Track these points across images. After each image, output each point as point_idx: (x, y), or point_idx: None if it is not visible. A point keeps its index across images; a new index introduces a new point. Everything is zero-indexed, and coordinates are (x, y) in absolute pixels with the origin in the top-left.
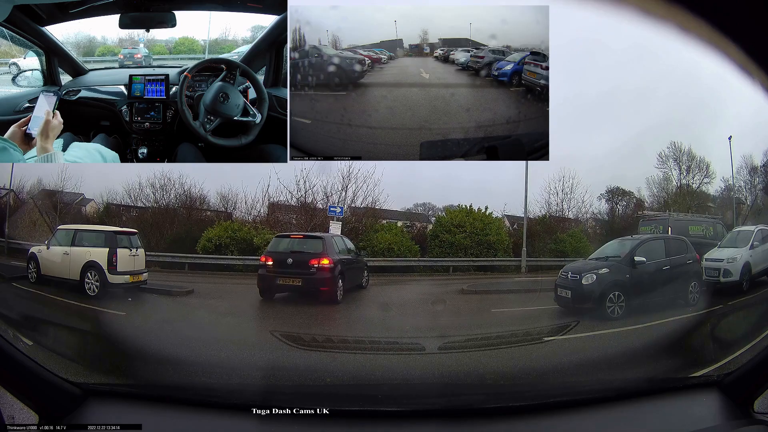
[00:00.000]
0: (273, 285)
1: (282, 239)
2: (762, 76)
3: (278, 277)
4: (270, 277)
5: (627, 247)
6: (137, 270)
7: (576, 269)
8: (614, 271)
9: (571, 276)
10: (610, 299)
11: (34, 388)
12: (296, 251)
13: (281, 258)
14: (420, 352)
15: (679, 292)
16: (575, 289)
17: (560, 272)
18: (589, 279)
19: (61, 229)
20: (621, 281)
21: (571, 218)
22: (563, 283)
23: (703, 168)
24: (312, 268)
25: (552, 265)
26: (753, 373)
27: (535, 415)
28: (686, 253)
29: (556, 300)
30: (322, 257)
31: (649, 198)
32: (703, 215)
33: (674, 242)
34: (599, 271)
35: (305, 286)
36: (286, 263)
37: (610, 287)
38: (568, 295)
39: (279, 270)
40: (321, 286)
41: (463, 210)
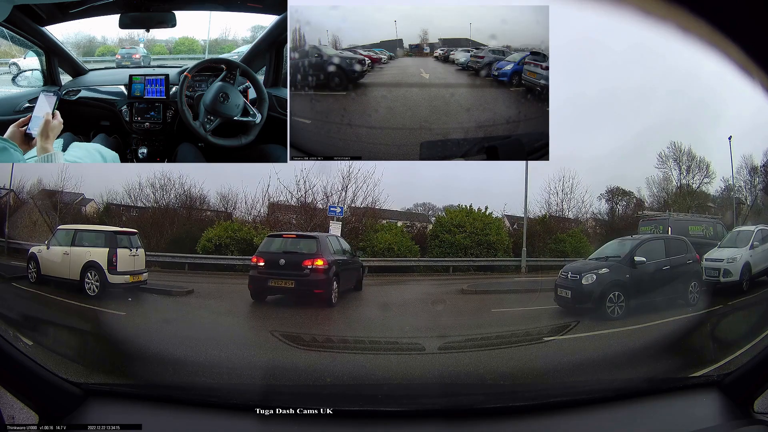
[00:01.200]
0: (264, 287)
1: (274, 239)
2: (762, 76)
3: (270, 278)
4: (261, 278)
5: (627, 247)
6: (137, 270)
7: (576, 269)
8: (614, 271)
9: (571, 276)
10: (610, 299)
11: (34, 388)
12: (289, 252)
13: (273, 259)
14: (420, 352)
15: (679, 292)
16: (575, 289)
17: (560, 272)
18: (589, 279)
19: (61, 229)
20: (621, 281)
21: (571, 218)
22: (563, 283)
23: (703, 168)
24: (305, 270)
25: (552, 265)
26: (753, 373)
27: (535, 415)
28: (686, 253)
29: (556, 300)
30: (317, 258)
31: (649, 198)
32: (703, 215)
33: (674, 242)
34: (599, 271)
35: (298, 288)
36: (279, 264)
37: (610, 287)
38: (568, 295)
39: (271, 271)
40: (315, 288)
41: (463, 210)
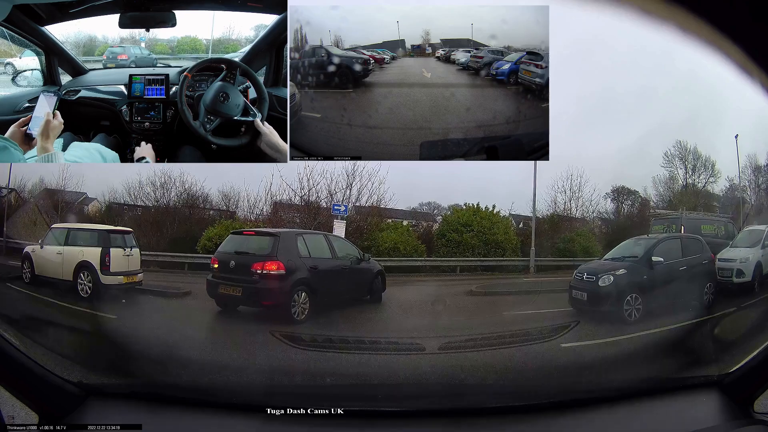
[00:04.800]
0: (216, 294)
1: (235, 236)
2: (762, 76)
3: (220, 284)
4: (214, 284)
5: (643, 247)
6: (132, 270)
7: (592, 270)
8: (631, 271)
9: (586, 277)
10: (628, 301)
11: (34, 388)
12: (241, 252)
13: (226, 260)
14: (420, 352)
15: (695, 293)
16: (591, 291)
17: (575, 273)
18: (606, 280)
19: (55, 228)
20: (638, 282)
21: (578, 217)
22: (578, 284)
23: (709, 167)
24: (254, 275)
25: (561, 265)
26: (753, 373)
27: (535, 415)
28: (702, 252)
29: (571, 302)
30: (269, 261)
31: (655, 197)
32: (715, 214)
33: (691, 241)
34: (617, 272)
35: (245, 298)
36: (229, 267)
37: (628, 288)
38: (584, 297)
39: (222, 275)
40: (264, 298)
41: (470, 209)
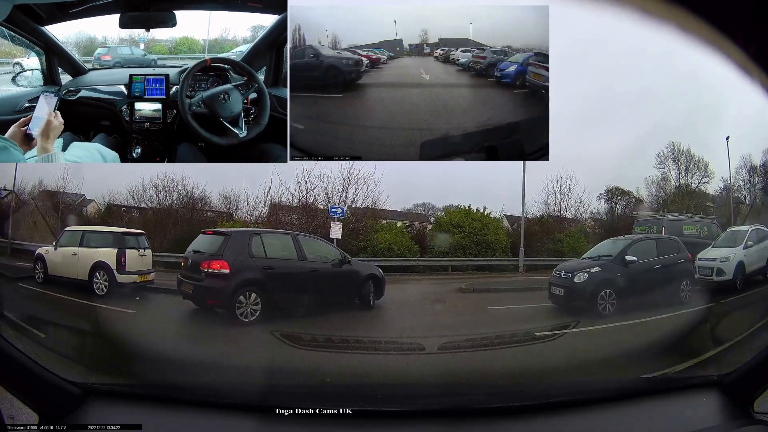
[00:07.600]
0: (180, 291)
1: (201, 236)
2: (762, 76)
3: (183, 281)
4: (179, 281)
5: (619, 246)
6: (145, 270)
7: (569, 268)
8: (606, 269)
9: (564, 274)
10: (602, 297)
11: (34, 388)
12: (198, 251)
13: (188, 258)
14: (420, 352)
15: (671, 290)
16: (568, 287)
17: (554, 271)
18: (581, 277)
19: (68, 231)
20: (612, 280)
21: (570, 218)
22: (556, 281)
23: (702, 168)
24: (201, 274)
25: (549, 264)
26: (753, 373)
27: (535, 415)
28: (678, 252)
29: (550, 298)
30: (215, 260)
31: (648, 198)
32: (698, 215)
33: (666, 242)
34: (591, 270)
35: (194, 295)
36: (187, 265)
37: (602, 285)
38: (561, 293)
39: (183, 273)
40: (209, 297)
41: (462, 210)
